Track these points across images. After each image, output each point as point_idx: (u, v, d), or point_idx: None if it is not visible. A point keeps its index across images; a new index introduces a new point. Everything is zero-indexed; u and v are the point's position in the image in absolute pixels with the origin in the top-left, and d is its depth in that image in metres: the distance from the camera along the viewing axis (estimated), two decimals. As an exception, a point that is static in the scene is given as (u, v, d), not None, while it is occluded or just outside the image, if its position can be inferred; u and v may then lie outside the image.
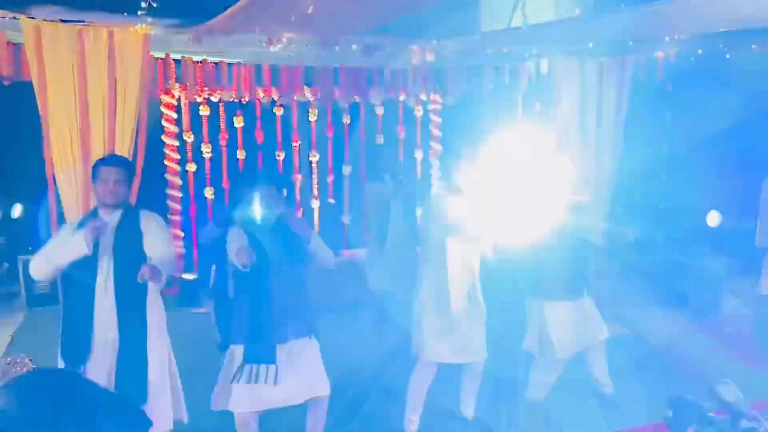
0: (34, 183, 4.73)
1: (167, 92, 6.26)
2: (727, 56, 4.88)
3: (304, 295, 3.35)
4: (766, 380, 4.13)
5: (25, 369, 4.62)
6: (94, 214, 3.06)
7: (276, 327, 3.16)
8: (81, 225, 2.97)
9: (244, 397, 3.18)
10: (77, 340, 2.95)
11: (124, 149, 3.82)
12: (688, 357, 5.01)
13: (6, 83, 4.89)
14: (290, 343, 3.20)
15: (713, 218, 5.85)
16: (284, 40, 4.29)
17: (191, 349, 5.34)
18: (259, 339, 3.15)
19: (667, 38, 4.83)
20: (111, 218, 2.99)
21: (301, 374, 3.24)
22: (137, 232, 3.01)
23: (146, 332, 3.04)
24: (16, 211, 6.28)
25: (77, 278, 2.92)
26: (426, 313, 3.63)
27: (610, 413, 4.09)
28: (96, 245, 2.86)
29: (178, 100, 6.59)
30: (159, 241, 3.09)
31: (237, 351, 3.20)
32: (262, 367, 3.13)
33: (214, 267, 3.46)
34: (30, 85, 3.70)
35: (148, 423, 0.92)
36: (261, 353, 3.14)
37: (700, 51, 4.97)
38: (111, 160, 3.12)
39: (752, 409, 1.34)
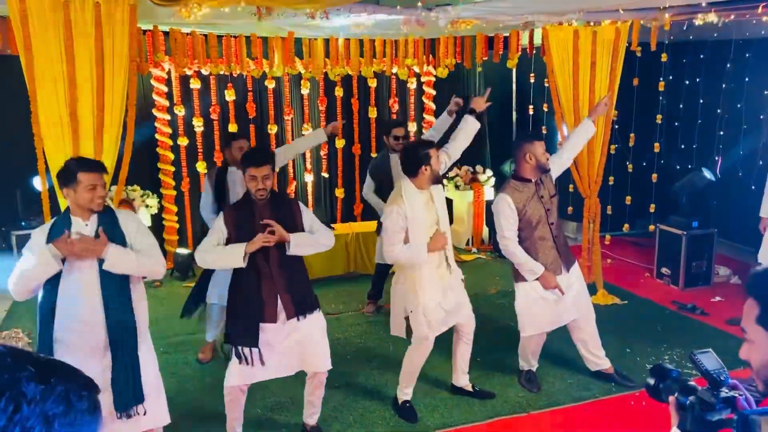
0: (25, 157, 4.69)
1: (157, 65, 6.18)
2: (719, 25, 4.83)
3: (304, 272, 3.37)
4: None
5: (20, 343, 4.67)
6: (66, 219, 2.90)
7: (267, 307, 3.19)
8: (54, 235, 2.83)
9: (236, 372, 3.24)
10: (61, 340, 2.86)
11: (113, 123, 3.77)
12: (676, 325, 5.09)
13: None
14: (286, 323, 3.23)
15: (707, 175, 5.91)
16: (273, 11, 4.22)
17: (185, 323, 5.39)
18: (245, 321, 3.18)
19: (660, 7, 4.78)
20: (89, 222, 2.89)
21: (302, 350, 3.28)
22: (119, 233, 2.92)
23: (136, 334, 2.96)
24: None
25: (61, 283, 2.84)
26: (422, 290, 3.63)
27: (597, 381, 4.16)
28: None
29: (168, 73, 6.52)
30: (145, 236, 3.03)
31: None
32: (245, 349, 3.19)
33: None
34: (17, 58, 3.64)
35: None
36: (245, 335, 3.18)
37: (695, 20, 4.92)
38: (97, 166, 2.93)
39: (733, 377, 1.37)
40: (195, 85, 6.61)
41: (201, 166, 6.80)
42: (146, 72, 5.73)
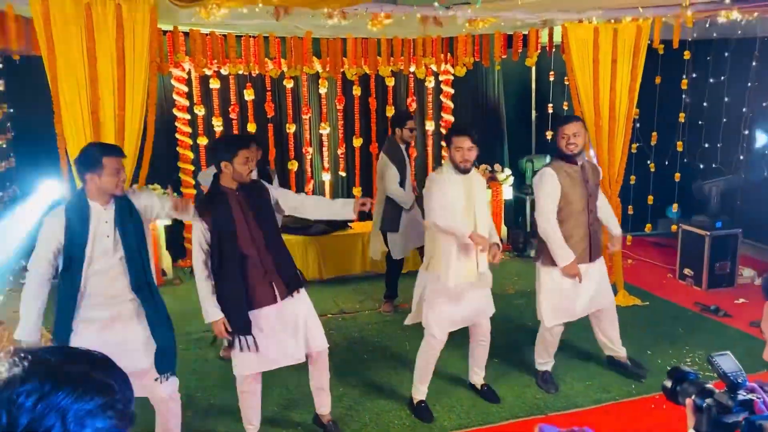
0: (48, 157, 4.77)
1: (177, 65, 6.25)
2: (742, 23, 4.73)
3: (286, 249, 3.38)
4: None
5: (42, 340, 4.73)
6: (82, 203, 2.92)
7: (261, 291, 3.22)
8: (72, 214, 2.90)
9: (243, 361, 3.28)
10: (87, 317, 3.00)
11: (134, 122, 3.83)
12: (698, 327, 5.00)
13: (16, 57, 4.91)
14: (281, 303, 3.26)
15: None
16: (291, 11, 4.24)
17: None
18: (235, 309, 3.21)
19: (681, 4, 4.70)
20: (107, 207, 2.95)
21: (296, 332, 3.30)
22: (136, 215, 3.02)
23: (164, 305, 3.12)
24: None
25: (89, 266, 2.93)
26: (436, 285, 3.64)
27: (617, 383, 4.11)
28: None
29: (188, 73, 6.58)
30: (156, 199, 3.18)
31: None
32: (241, 337, 3.22)
33: None
34: (40, 59, 3.71)
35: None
36: (237, 324, 3.22)
37: (718, 17, 4.83)
38: (119, 150, 3.03)
39: (752, 380, 1.34)
40: (214, 85, 6.66)
41: (220, 166, 6.84)
42: (166, 72, 5.80)
